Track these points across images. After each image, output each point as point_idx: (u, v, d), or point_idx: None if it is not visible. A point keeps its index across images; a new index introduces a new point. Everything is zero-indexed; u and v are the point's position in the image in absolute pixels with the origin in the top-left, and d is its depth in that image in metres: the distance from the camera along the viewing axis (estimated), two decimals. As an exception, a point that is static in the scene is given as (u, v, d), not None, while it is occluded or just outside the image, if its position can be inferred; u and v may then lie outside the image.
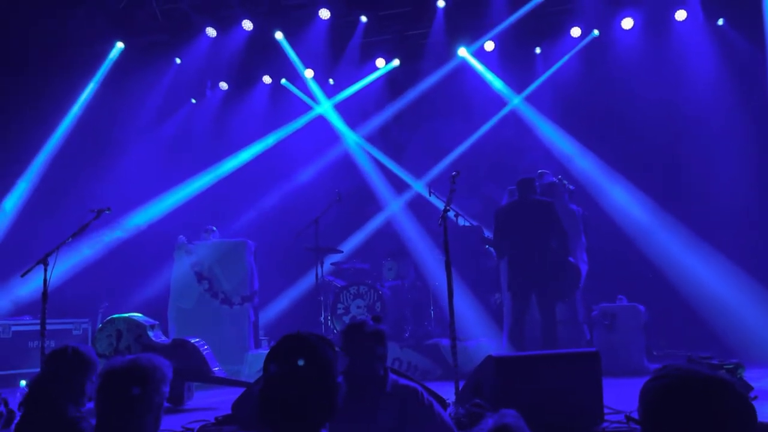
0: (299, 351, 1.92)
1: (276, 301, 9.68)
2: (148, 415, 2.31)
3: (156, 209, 9.91)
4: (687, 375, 1.55)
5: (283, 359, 1.91)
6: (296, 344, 1.95)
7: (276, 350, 1.95)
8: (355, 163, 10.64)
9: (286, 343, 1.96)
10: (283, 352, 1.94)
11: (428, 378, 6.58)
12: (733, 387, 1.53)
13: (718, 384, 1.52)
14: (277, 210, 10.13)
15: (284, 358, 1.92)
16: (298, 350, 1.93)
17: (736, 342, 6.93)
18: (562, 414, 3.90)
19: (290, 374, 1.88)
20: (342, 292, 7.93)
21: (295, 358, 1.90)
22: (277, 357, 1.93)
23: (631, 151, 8.95)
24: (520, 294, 6.42)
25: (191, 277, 8.07)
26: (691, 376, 1.54)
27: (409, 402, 3.13)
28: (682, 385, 1.53)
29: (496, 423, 1.68)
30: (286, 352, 1.93)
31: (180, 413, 5.34)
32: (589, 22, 9.47)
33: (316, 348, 1.93)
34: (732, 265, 7.59)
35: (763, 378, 5.30)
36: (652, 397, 1.58)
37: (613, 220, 8.62)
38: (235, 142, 10.61)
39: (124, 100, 9.85)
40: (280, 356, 1.93)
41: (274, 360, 1.93)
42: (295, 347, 1.94)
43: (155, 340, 6.04)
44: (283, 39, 10.05)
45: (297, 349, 1.93)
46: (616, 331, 7.07)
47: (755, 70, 8.29)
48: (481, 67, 10.12)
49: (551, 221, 6.34)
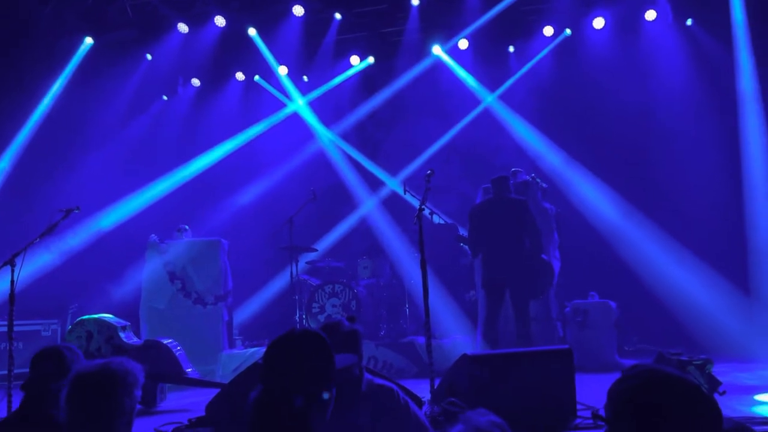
0: (294, 350, 1.98)
1: (250, 301, 9.60)
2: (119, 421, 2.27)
3: (127, 208, 9.75)
4: (655, 377, 1.57)
5: (279, 359, 1.96)
6: (291, 344, 2.00)
7: (273, 351, 1.99)
8: (330, 161, 10.60)
9: (281, 345, 2.00)
10: (280, 352, 1.98)
11: (404, 376, 6.59)
12: (700, 390, 1.55)
13: (685, 386, 1.54)
14: (251, 209, 10.04)
15: (280, 358, 1.96)
16: (293, 349, 1.98)
17: (705, 338, 7.07)
18: (536, 411, 3.93)
19: (287, 372, 1.91)
20: (317, 290, 7.89)
21: (291, 357, 1.95)
22: (274, 358, 1.97)
23: (604, 149, 9.07)
24: (495, 291, 6.46)
25: (164, 276, 7.96)
26: (659, 377, 1.56)
27: (385, 402, 3.11)
28: (649, 387, 1.55)
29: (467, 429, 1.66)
30: (282, 352, 1.97)
31: (153, 415, 5.27)
32: (562, 22, 9.57)
33: (310, 344, 1.99)
34: (701, 261, 7.74)
35: (731, 373, 5.43)
36: (619, 397, 1.59)
37: (585, 218, 8.73)
38: (208, 139, 10.49)
39: (93, 96, 9.65)
40: (276, 357, 1.97)
41: (272, 361, 1.97)
42: (290, 346, 1.99)
43: (126, 341, 5.95)
44: (256, 35, 9.97)
45: (292, 348, 1.98)
46: (588, 327, 7.17)
47: (723, 70, 8.46)
48: (455, 66, 10.16)
49: (525, 219, 6.39)
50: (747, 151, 7.94)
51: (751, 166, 7.78)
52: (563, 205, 8.29)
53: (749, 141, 7.94)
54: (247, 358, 7.25)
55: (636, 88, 8.99)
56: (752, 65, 8.12)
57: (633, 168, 8.88)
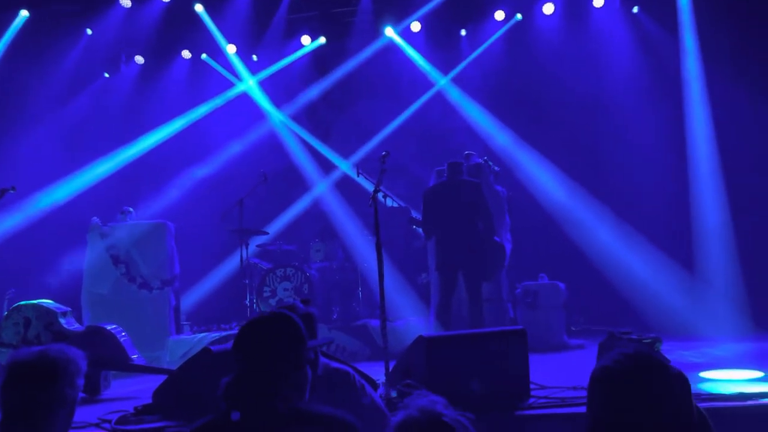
0: (269, 330, 1.97)
1: (199, 285, 9.38)
2: (60, 411, 2.13)
3: (67, 189, 9.34)
4: (640, 364, 1.57)
5: (254, 341, 1.95)
6: (265, 325, 1.99)
7: (246, 333, 1.98)
8: (281, 143, 10.39)
9: (255, 326, 1.99)
10: (251, 335, 1.96)
11: (357, 359, 6.56)
12: (686, 379, 1.59)
13: (673, 375, 1.58)
14: (200, 191, 9.75)
15: (255, 339, 1.95)
16: (267, 330, 1.97)
17: (651, 317, 7.29)
18: (491, 391, 3.95)
19: (263, 352, 1.91)
20: (268, 274, 7.77)
21: (265, 341, 1.93)
22: (248, 340, 1.95)
23: (554, 132, 9.20)
24: (448, 273, 6.48)
25: (106, 260, 7.66)
26: (645, 364, 1.57)
27: (341, 385, 3.08)
28: (635, 373, 1.55)
29: (407, 414, 1.62)
30: (257, 333, 1.96)
31: (96, 404, 5.07)
32: (513, 6, 9.63)
33: (283, 324, 1.99)
34: (647, 242, 7.95)
35: (676, 351, 5.60)
36: (602, 383, 1.59)
37: (536, 201, 8.85)
38: (153, 118, 10.10)
39: (30, 73, 9.20)
40: (250, 339, 1.95)
41: (247, 343, 1.94)
42: (264, 327, 1.98)
43: (67, 327, 5.70)
44: (203, 12, 9.66)
45: (266, 329, 1.98)
46: (537, 308, 7.28)
47: (669, 57, 8.66)
48: (408, 48, 10.09)
49: (478, 202, 6.42)
50: (692, 135, 8.18)
51: (696, 150, 8.02)
52: (514, 187, 8.37)
53: (694, 126, 8.18)
54: (195, 344, 7.10)
55: (585, 74, 9.12)
56: (697, 53, 8.34)
57: (582, 151, 9.03)
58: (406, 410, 1.57)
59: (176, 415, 4.16)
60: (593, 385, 1.63)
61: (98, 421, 4.35)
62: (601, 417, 1.59)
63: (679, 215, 7.80)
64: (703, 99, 8.14)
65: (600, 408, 1.60)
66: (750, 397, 3.88)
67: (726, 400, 3.88)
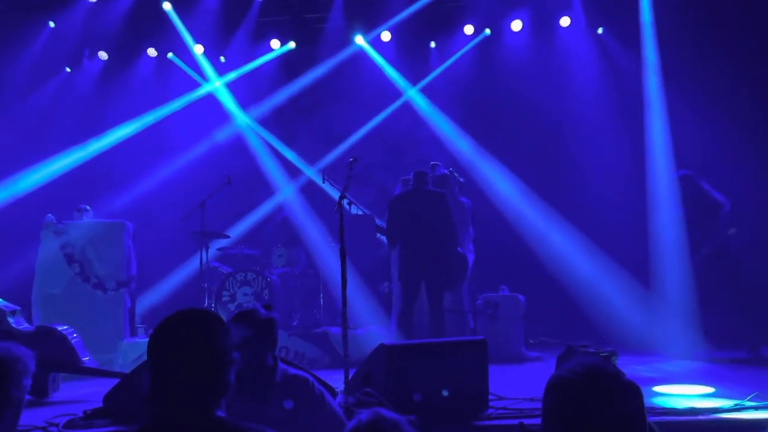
0: (184, 329, 1.84)
1: (156, 288, 9.15)
2: (5, 412, 2.05)
3: (21, 185, 9.05)
4: (594, 374, 1.58)
5: (168, 339, 1.82)
6: (180, 323, 1.85)
7: (160, 332, 1.84)
8: (246, 146, 10.28)
9: (170, 323, 1.85)
10: (167, 333, 1.84)
11: (316, 366, 6.49)
12: (639, 390, 1.61)
13: (626, 386, 1.58)
14: (160, 191, 9.54)
15: (169, 338, 1.82)
16: (182, 329, 1.84)
17: (609, 330, 7.41)
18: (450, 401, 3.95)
19: (177, 354, 1.78)
20: (228, 278, 7.64)
21: (181, 337, 1.82)
22: (161, 338, 1.83)
23: (518, 146, 9.34)
24: (411, 283, 6.49)
25: (60, 259, 7.41)
26: (599, 374, 1.58)
27: (300, 392, 3.04)
28: (588, 382, 1.56)
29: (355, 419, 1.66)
30: (170, 332, 1.83)
31: (44, 407, 4.91)
32: (482, 21, 9.76)
33: (201, 324, 1.85)
34: (606, 257, 8.10)
35: (630, 365, 5.70)
36: (555, 391, 1.60)
37: (499, 213, 8.93)
38: (116, 116, 9.88)
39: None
40: (164, 337, 1.83)
41: (159, 343, 1.82)
42: (179, 326, 1.85)
43: (16, 326, 5.51)
44: (171, 10, 9.52)
45: (181, 328, 1.84)
46: (497, 320, 7.35)
47: (631, 74, 8.88)
48: (377, 57, 10.11)
49: (443, 212, 6.45)
50: (651, 153, 8.38)
51: (655, 168, 8.20)
52: (478, 199, 8.44)
53: (653, 145, 8.39)
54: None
55: (550, 89, 9.28)
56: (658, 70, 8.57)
57: (545, 165, 9.18)
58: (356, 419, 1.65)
59: (128, 420, 4.05)
60: (548, 393, 1.64)
61: (45, 424, 4.22)
62: (554, 425, 1.60)
63: (637, 231, 7.97)
64: (663, 115, 8.36)
65: (553, 416, 1.61)
66: (701, 411, 3.98)
67: (678, 414, 3.97)
